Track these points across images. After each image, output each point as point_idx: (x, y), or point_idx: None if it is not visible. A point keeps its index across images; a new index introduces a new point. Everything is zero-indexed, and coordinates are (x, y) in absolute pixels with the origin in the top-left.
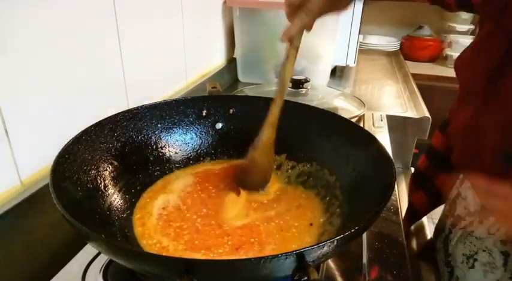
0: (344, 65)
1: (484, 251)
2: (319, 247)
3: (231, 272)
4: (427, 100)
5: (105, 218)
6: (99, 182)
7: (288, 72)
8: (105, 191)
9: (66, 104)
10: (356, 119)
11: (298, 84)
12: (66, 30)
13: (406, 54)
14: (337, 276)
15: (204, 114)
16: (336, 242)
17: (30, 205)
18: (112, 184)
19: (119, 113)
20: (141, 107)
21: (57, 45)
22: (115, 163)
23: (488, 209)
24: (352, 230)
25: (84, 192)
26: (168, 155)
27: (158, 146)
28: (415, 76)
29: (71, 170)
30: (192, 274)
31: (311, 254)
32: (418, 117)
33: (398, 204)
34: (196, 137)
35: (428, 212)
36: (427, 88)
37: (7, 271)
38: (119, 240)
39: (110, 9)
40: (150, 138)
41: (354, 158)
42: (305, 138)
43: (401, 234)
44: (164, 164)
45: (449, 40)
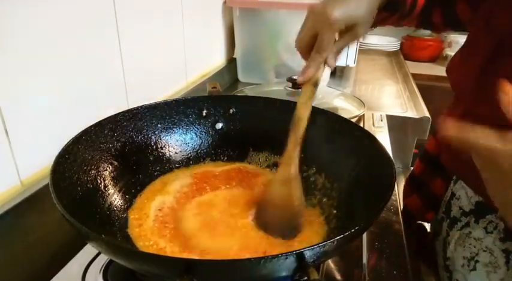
0: (344, 65)
1: (484, 251)
2: (319, 247)
3: (231, 272)
4: (427, 100)
5: (105, 218)
6: (99, 182)
7: (304, 109)
8: (105, 191)
9: (66, 104)
10: (356, 119)
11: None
12: (66, 30)
13: (406, 54)
14: (337, 276)
15: (204, 114)
16: (336, 242)
17: (30, 205)
18: (112, 184)
19: (119, 113)
20: (141, 107)
21: (57, 45)
22: (115, 163)
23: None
24: (352, 230)
25: (84, 192)
26: (168, 155)
27: (158, 146)
28: (415, 76)
29: (71, 170)
30: (192, 274)
31: (311, 254)
32: (418, 117)
33: (398, 204)
34: (196, 137)
35: (424, 216)
36: (427, 88)
37: (7, 271)
38: (119, 240)
39: (110, 9)
40: (150, 138)
41: (354, 158)
42: (305, 138)
43: (401, 234)
44: (164, 164)
45: (449, 40)
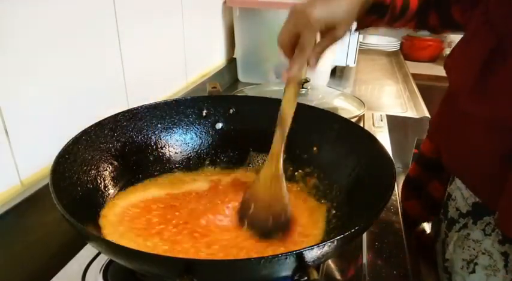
0: (344, 65)
1: (483, 254)
2: (319, 247)
3: (231, 272)
4: (427, 100)
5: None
6: (99, 182)
7: (289, 107)
8: (105, 191)
9: (66, 104)
10: (356, 119)
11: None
12: (66, 30)
13: (406, 54)
14: (337, 276)
15: (204, 114)
16: (336, 242)
17: (30, 205)
18: (112, 184)
19: (119, 113)
20: (141, 107)
21: (57, 45)
22: (115, 163)
23: None
24: (352, 230)
25: (84, 192)
26: (168, 155)
27: (158, 146)
28: (415, 76)
29: (71, 170)
30: (192, 274)
31: (311, 254)
32: (418, 117)
33: (398, 204)
34: (196, 137)
35: (426, 220)
36: (427, 88)
37: (7, 271)
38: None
39: (110, 9)
40: (150, 138)
41: (354, 158)
42: (305, 138)
43: (401, 234)
44: (164, 164)
45: (449, 40)
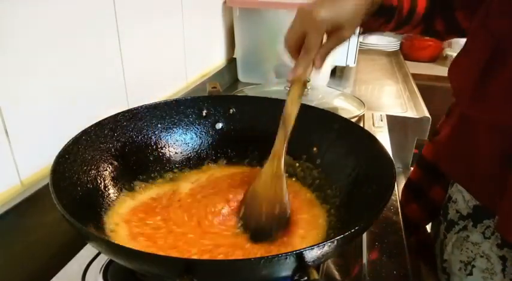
0: (344, 65)
1: (481, 256)
2: (319, 247)
3: (231, 272)
4: (427, 100)
5: (105, 218)
6: (99, 182)
7: (292, 108)
8: (105, 191)
9: (66, 104)
10: (356, 119)
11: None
12: (66, 30)
13: (406, 54)
14: (337, 276)
15: (204, 114)
16: (336, 242)
17: (30, 205)
18: (112, 184)
19: (119, 113)
20: (141, 107)
21: (57, 45)
22: (115, 163)
23: None
24: (352, 230)
25: (84, 192)
26: (168, 155)
27: (158, 146)
28: (415, 76)
29: (71, 170)
30: (192, 274)
31: (311, 254)
32: (418, 117)
33: (398, 204)
34: (196, 137)
35: (426, 224)
36: (427, 88)
37: (7, 271)
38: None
39: (110, 9)
40: (150, 138)
41: (354, 158)
42: (305, 138)
43: (401, 234)
44: (164, 164)
45: (449, 40)
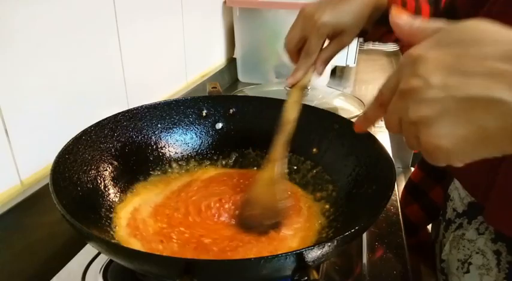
0: (344, 65)
1: (477, 253)
2: (319, 247)
3: (231, 272)
4: None
5: (105, 218)
6: (99, 182)
7: (291, 112)
8: (105, 191)
9: (66, 104)
10: (356, 119)
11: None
12: (66, 31)
13: None
14: (337, 276)
15: (204, 114)
16: (336, 242)
17: (30, 205)
18: (112, 184)
19: (119, 113)
20: (141, 107)
21: (57, 45)
22: (115, 163)
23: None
24: (352, 230)
25: (84, 192)
26: (168, 155)
27: (158, 146)
28: None
29: (71, 170)
30: (192, 274)
31: (311, 254)
32: None
33: (398, 204)
34: (196, 137)
35: (427, 226)
36: None
37: (7, 271)
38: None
39: (110, 9)
40: (150, 138)
41: (354, 158)
42: (305, 138)
43: (401, 234)
44: (164, 164)
45: None
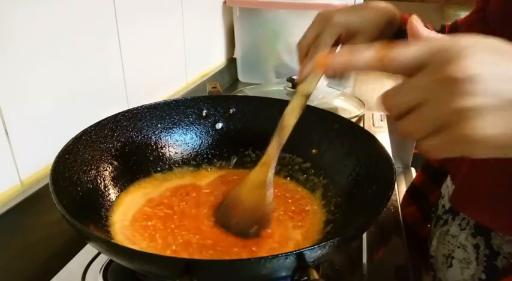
0: None
1: (459, 247)
2: (319, 247)
3: (231, 272)
4: None
5: (105, 218)
6: (99, 182)
7: (290, 117)
8: (105, 191)
9: (66, 104)
10: (356, 119)
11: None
12: (66, 31)
13: None
14: (337, 276)
15: (204, 114)
16: (336, 242)
17: (30, 205)
18: (112, 184)
19: (119, 113)
20: (141, 107)
21: (57, 45)
22: (115, 163)
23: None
24: (352, 230)
25: (84, 192)
26: (168, 155)
27: (158, 146)
28: None
29: (71, 170)
30: (192, 274)
31: (311, 254)
32: None
33: (398, 204)
34: (196, 137)
35: (422, 229)
36: None
37: (7, 271)
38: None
39: (110, 9)
40: (150, 138)
41: (354, 158)
42: (305, 138)
43: (401, 234)
44: (164, 164)
45: None
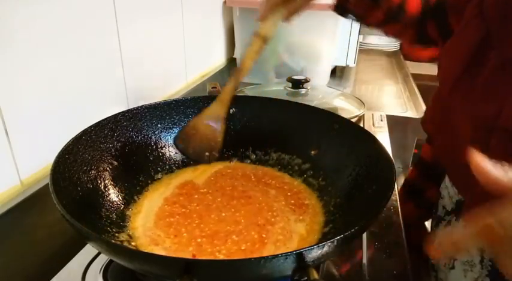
0: (344, 65)
1: None
2: (319, 247)
3: (231, 272)
4: (427, 100)
5: (105, 218)
6: (99, 182)
7: (249, 59)
8: (105, 191)
9: (66, 104)
10: (356, 119)
11: (298, 84)
12: (66, 31)
13: (406, 54)
14: (337, 276)
15: None
16: (336, 242)
17: (30, 205)
18: (112, 184)
19: (119, 113)
20: (141, 107)
21: (57, 45)
22: (115, 163)
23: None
24: (352, 230)
25: (84, 192)
26: (168, 155)
27: (158, 146)
28: (416, 76)
29: (71, 170)
30: (192, 274)
31: (311, 254)
32: (418, 117)
33: (398, 204)
34: None
35: (420, 225)
36: (427, 88)
37: (7, 271)
38: (120, 240)
39: (110, 9)
40: (150, 138)
41: (354, 158)
42: (305, 138)
43: (401, 234)
44: (164, 164)
45: None
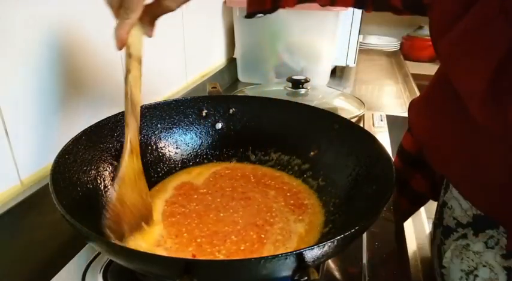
0: (344, 65)
1: (484, 266)
2: (319, 247)
3: (231, 272)
4: None
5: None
6: (99, 182)
7: (137, 88)
8: (105, 191)
9: (66, 104)
10: (356, 119)
11: (298, 84)
12: (66, 30)
13: (406, 54)
14: (337, 276)
15: (204, 114)
16: (336, 242)
17: (30, 205)
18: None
19: (119, 113)
20: (141, 107)
21: (57, 45)
22: (115, 163)
23: None
24: (352, 230)
25: (84, 192)
26: (168, 155)
27: (158, 146)
28: (416, 76)
29: (70, 170)
30: (192, 274)
31: (311, 254)
32: None
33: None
34: (196, 137)
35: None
36: None
37: (7, 271)
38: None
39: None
40: (150, 138)
41: (354, 158)
42: (305, 138)
43: (401, 234)
44: (164, 164)
45: None
